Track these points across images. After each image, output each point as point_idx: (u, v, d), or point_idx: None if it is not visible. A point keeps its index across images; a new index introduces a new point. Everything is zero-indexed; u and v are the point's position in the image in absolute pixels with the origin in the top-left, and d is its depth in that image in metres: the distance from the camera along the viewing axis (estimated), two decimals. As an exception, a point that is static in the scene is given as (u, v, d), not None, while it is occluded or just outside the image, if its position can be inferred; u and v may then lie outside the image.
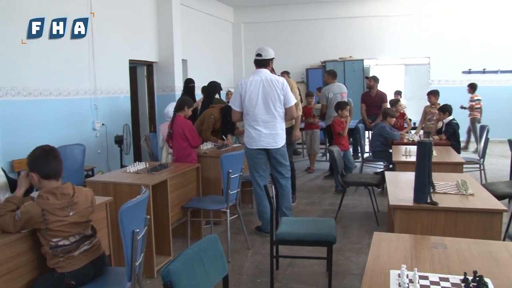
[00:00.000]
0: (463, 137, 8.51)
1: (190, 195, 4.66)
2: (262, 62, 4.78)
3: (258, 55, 4.79)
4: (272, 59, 4.88)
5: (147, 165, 4.58)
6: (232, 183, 4.38)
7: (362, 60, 12.35)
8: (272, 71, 5.10)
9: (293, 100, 4.77)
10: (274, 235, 3.52)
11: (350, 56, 12.47)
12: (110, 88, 7.51)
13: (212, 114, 6.10)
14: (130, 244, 2.56)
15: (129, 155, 7.57)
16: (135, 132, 8.41)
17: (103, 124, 7.26)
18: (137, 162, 4.61)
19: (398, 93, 10.16)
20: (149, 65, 8.97)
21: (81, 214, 2.65)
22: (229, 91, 9.81)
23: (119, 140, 7.07)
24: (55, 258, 2.55)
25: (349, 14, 12.67)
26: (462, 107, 9.71)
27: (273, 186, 4.07)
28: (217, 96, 7.07)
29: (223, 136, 6.41)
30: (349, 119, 7.08)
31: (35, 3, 5.89)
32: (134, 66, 8.62)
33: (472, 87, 9.97)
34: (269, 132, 4.70)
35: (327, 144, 7.76)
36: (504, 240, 3.35)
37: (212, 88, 6.92)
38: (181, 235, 4.77)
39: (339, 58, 12.43)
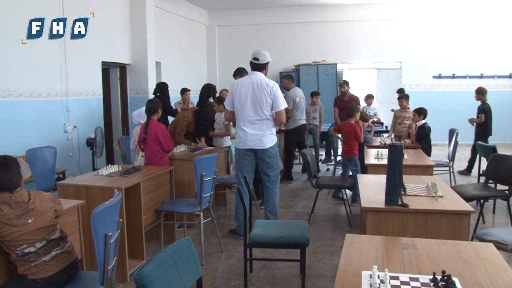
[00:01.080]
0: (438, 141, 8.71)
1: (163, 198, 4.64)
2: (258, 66, 4.89)
3: (255, 59, 4.88)
4: (268, 62, 4.98)
5: (120, 168, 4.54)
6: (206, 186, 4.37)
7: (335, 64, 12.50)
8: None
9: (282, 105, 4.83)
10: (248, 237, 3.54)
11: (324, 60, 12.60)
12: (82, 90, 7.41)
13: (186, 117, 6.09)
14: (103, 247, 2.54)
15: (101, 158, 7.46)
16: (107, 135, 8.31)
17: (74, 127, 7.15)
18: (109, 165, 4.56)
19: (370, 96, 10.29)
20: (122, 67, 8.87)
21: (43, 219, 2.59)
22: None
23: (91, 143, 6.97)
24: (26, 264, 2.51)
25: (323, 18, 12.83)
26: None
27: (246, 190, 4.08)
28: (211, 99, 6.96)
29: (197, 139, 6.40)
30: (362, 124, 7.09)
31: (4, 2, 5.79)
32: (107, 68, 8.52)
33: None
34: (256, 132, 4.77)
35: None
36: (472, 240, 3.44)
37: (207, 90, 6.86)
38: (154, 238, 4.75)
39: (313, 62, 12.55)
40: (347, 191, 6.08)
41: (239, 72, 6.03)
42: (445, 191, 3.57)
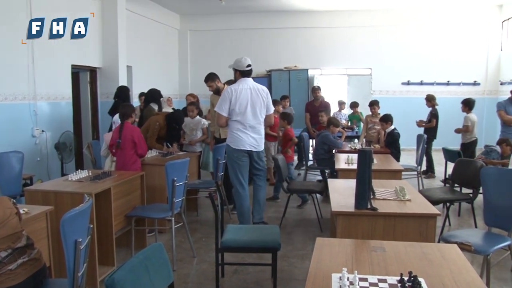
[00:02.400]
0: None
1: (134, 203, 4.60)
2: (250, 72, 5.15)
3: (249, 66, 5.12)
4: None
5: (90, 173, 4.48)
6: (177, 191, 4.36)
7: (307, 70, 12.63)
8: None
9: (272, 108, 5.25)
10: (219, 242, 3.55)
11: (295, 66, 12.72)
12: (51, 93, 7.28)
13: (157, 121, 6.05)
14: (73, 254, 2.50)
15: (70, 163, 7.35)
16: (77, 140, 8.18)
17: (43, 131, 7.02)
18: (79, 170, 4.50)
19: (342, 103, 10.44)
20: (93, 71, 8.76)
21: (7, 228, 2.48)
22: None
23: (60, 148, 6.85)
24: (-9, 274, 2.44)
25: (295, 24, 12.96)
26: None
27: (218, 194, 4.09)
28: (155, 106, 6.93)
29: (168, 144, 6.37)
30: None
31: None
32: (76, 71, 8.40)
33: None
34: (256, 136, 5.07)
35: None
36: (438, 242, 3.53)
37: (151, 94, 6.83)
38: (125, 244, 4.70)
39: (284, 68, 12.65)
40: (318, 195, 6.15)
41: (211, 78, 6.04)
42: (412, 195, 3.66)
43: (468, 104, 8.05)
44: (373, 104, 8.03)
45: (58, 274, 3.50)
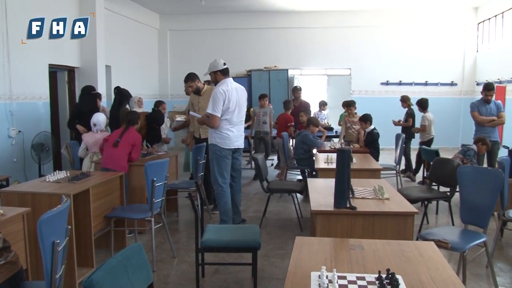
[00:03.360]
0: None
1: (113, 204, 4.56)
2: (228, 71, 5.25)
3: (224, 64, 5.20)
4: None
5: (68, 174, 4.43)
6: (157, 191, 4.34)
7: (287, 70, 12.69)
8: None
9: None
10: (199, 242, 3.54)
11: (275, 66, 12.76)
12: (27, 93, 7.16)
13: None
14: (50, 256, 2.47)
15: (48, 164, 7.24)
16: (55, 140, 8.06)
17: (19, 131, 6.90)
18: (57, 171, 4.44)
19: (323, 103, 10.47)
20: (71, 71, 8.64)
21: None
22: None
23: (37, 148, 6.75)
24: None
25: (275, 25, 13.00)
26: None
27: (198, 194, 4.09)
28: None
29: (148, 144, 6.33)
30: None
31: None
32: (54, 71, 8.28)
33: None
34: (241, 133, 5.29)
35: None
36: (416, 239, 3.58)
37: (120, 95, 6.77)
38: (104, 245, 4.66)
39: (264, 68, 12.69)
40: (298, 194, 6.18)
41: (191, 78, 6.03)
42: (391, 194, 3.71)
43: (421, 105, 8.44)
44: (350, 105, 8.11)
45: (35, 276, 3.45)
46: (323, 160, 5.68)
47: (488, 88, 6.78)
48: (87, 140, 5.62)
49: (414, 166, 8.63)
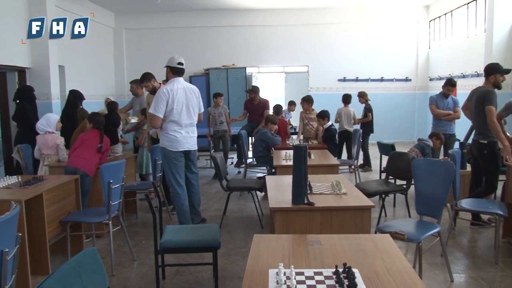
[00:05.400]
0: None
1: (69, 208, 4.44)
2: (182, 71, 5.10)
3: (180, 63, 5.05)
4: None
5: (20, 179, 4.27)
6: (114, 193, 4.25)
7: (245, 68, 12.70)
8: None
9: (203, 108, 5.31)
10: (158, 244, 3.49)
11: (233, 64, 12.75)
12: (-26, 95, 6.87)
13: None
14: (-1, 265, 2.37)
15: (-1, 169, 6.98)
16: (6, 144, 7.77)
17: (-33, 136, 6.62)
18: (7, 176, 4.28)
19: (292, 103, 10.39)
20: (21, 71, 8.34)
21: None
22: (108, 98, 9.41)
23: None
24: None
25: (232, 23, 12.99)
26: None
27: (156, 195, 4.03)
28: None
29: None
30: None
31: None
32: (3, 71, 7.97)
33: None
34: (191, 135, 5.11)
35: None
36: (375, 233, 3.64)
37: (73, 97, 6.62)
38: (61, 251, 4.52)
39: (222, 66, 12.65)
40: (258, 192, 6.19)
41: (146, 78, 5.96)
42: (348, 188, 3.76)
43: (346, 100, 9.03)
44: (304, 101, 8.17)
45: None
46: (282, 157, 5.70)
47: (451, 83, 7.01)
48: (39, 142, 5.45)
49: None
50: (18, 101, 6.66)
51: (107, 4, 11.84)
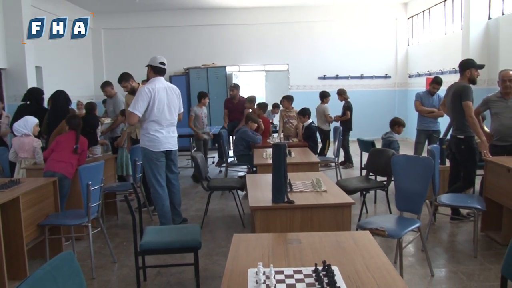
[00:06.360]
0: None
1: (47, 211, 4.37)
2: (164, 71, 5.07)
3: (162, 63, 5.02)
4: None
5: (-5, 182, 4.19)
6: (93, 195, 4.19)
7: (225, 67, 12.66)
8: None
9: (182, 108, 5.31)
10: (138, 245, 3.45)
11: (213, 63, 12.70)
12: None
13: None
14: (-27, 270, 2.32)
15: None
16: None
17: None
18: (-18, 180, 4.19)
19: (276, 105, 10.35)
20: (-4, 72, 8.20)
21: None
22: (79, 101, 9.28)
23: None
24: None
25: (212, 21, 12.94)
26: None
27: (136, 196, 3.99)
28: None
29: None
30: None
31: None
32: (-23, 73, 7.82)
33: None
34: (172, 135, 5.09)
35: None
36: (356, 230, 3.66)
37: (60, 99, 6.49)
38: (39, 255, 4.44)
39: (202, 65, 12.59)
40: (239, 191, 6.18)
41: (124, 78, 5.92)
42: (328, 186, 3.77)
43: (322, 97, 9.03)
44: (284, 99, 8.18)
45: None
46: (262, 155, 5.70)
47: (437, 81, 7.12)
48: (15, 144, 5.35)
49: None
50: (27, 102, 6.54)
51: (85, 4, 11.66)
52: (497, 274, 3.75)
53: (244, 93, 9.49)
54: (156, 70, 5.03)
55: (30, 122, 5.46)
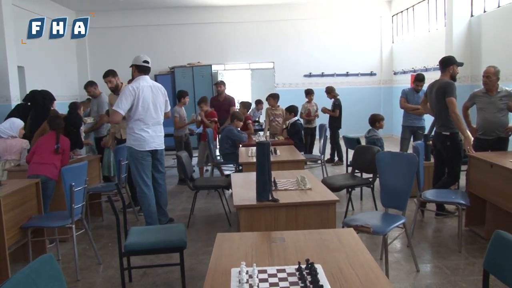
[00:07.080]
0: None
1: (30, 213, 4.30)
2: (148, 69, 5.06)
3: (146, 61, 5.03)
4: None
5: (-24, 185, 4.11)
6: (76, 196, 4.14)
7: (210, 65, 12.62)
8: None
9: (169, 106, 5.30)
10: (123, 246, 3.42)
11: (199, 62, 12.65)
12: None
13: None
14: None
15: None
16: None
17: None
18: (-37, 182, 4.11)
19: (259, 102, 10.37)
20: (-23, 73, 8.06)
21: None
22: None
23: None
24: None
25: (196, 20, 12.89)
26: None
27: (120, 196, 3.95)
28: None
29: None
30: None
31: None
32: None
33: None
34: (158, 134, 5.06)
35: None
36: (342, 227, 3.66)
37: (42, 98, 6.41)
38: (22, 258, 4.37)
39: (188, 64, 12.54)
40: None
41: (111, 73, 5.90)
42: (313, 184, 3.76)
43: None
44: (270, 97, 8.18)
45: None
46: (247, 154, 5.69)
47: (418, 79, 7.18)
48: (2, 147, 5.27)
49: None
50: (28, 103, 6.42)
51: (68, 3, 11.54)
52: (481, 268, 3.74)
53: (229, 91, 9.46)
54: (140, 69, 5.01)
55: (16, 125, 5.40)
